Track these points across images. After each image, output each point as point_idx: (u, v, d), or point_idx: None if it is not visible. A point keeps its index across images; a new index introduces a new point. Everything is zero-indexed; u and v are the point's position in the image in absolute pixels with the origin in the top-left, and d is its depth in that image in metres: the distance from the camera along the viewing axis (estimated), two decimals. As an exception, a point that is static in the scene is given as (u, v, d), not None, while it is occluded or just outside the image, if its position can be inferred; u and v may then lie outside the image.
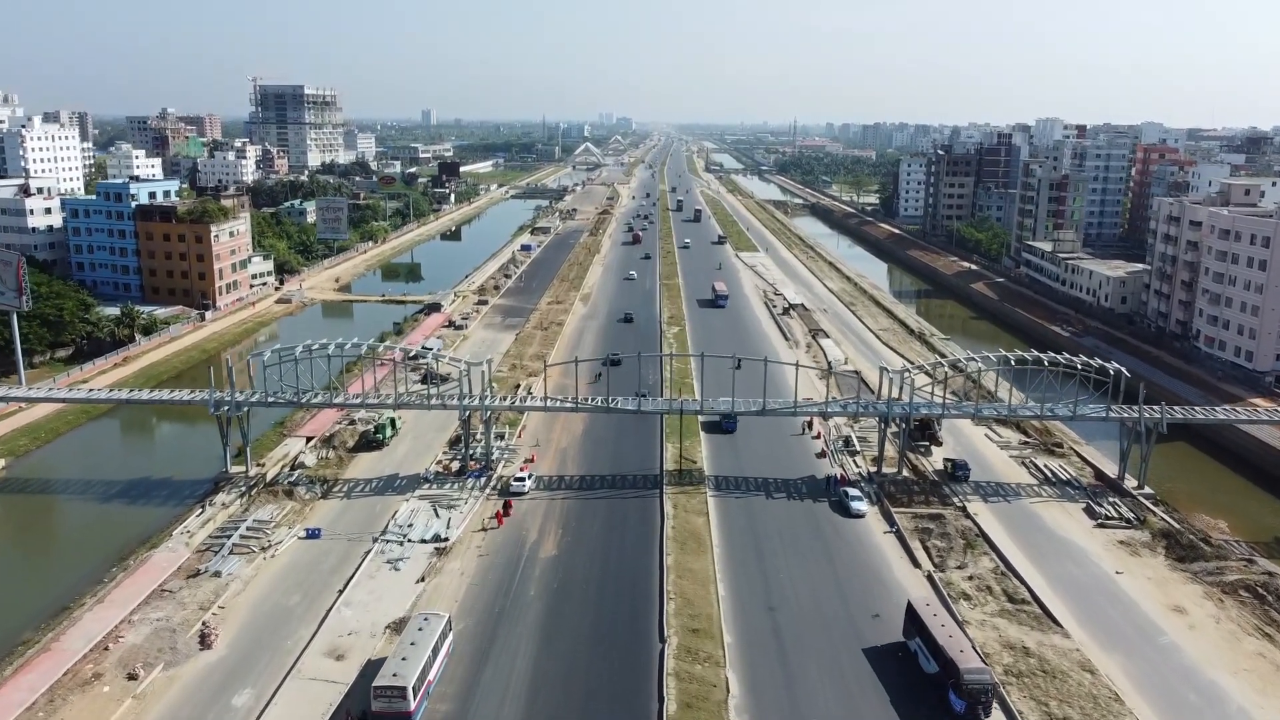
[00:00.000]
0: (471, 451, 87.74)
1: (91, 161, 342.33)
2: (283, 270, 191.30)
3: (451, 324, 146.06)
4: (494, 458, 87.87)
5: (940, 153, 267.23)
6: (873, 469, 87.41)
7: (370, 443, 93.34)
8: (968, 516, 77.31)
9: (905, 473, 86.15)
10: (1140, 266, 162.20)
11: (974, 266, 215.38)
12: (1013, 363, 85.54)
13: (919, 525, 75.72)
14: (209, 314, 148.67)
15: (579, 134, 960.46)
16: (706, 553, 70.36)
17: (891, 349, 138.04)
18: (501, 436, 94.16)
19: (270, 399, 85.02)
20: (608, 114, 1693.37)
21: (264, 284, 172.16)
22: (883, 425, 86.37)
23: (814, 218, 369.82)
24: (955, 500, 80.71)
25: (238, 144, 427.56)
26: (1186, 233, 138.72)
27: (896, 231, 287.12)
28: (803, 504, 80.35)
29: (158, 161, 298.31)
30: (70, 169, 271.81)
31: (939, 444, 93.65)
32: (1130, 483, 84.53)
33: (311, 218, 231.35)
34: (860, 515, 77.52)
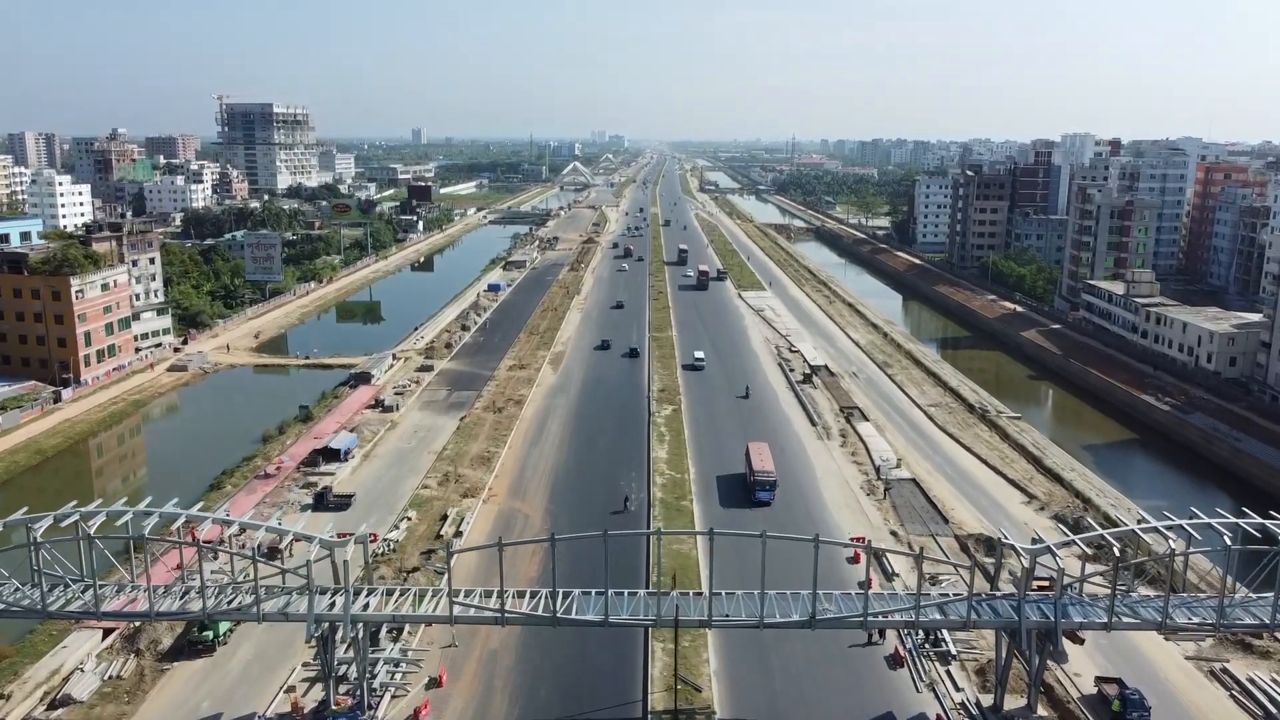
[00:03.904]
0: (338, 673, 54.57)
1: (22, 189, 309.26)
2: (196, 323, 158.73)
3: (379, 403, 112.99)
4: (376, 684, 54.81)
5: (969, 173, 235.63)
6: (983, 695, 54.58)
7: (195, 643, 60.28)
8: (1178, 829, 44.37)
9: (1040, 711, 53.20)
10: (1253, 318, 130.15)
11: (1019, 309, 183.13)
12: (1230, 543, 51.39)
13: None
14: (68, 392, 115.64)
15: (570, 152, 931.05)
16: None
17: (951, 436, 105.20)
18: (398, 633, 60.99)
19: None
20: (600, 132, 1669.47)
21: (158, 345, 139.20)
22: (1004, 635, 53.24)
23: (820, 243, 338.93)
24: (1139, 777, 47.77)
25: (194, 166, 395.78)
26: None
27: (917, 262, 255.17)
28: (885, 793, 47.36)
29: (86, 188, 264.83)
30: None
31: (1079, 641, 60.64)
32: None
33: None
34: (990, 826, 44.55)
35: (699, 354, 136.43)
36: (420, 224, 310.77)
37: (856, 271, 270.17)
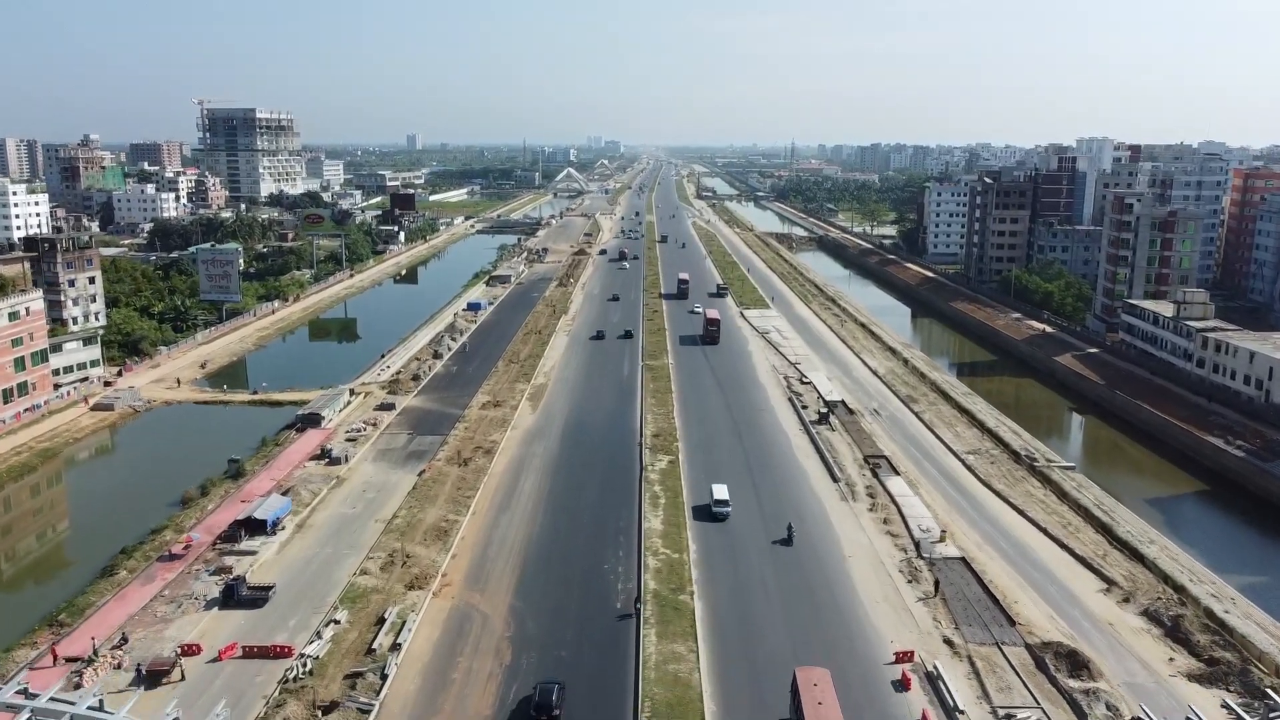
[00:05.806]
0: None
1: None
2: (137, 351, 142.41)
3: (325, 453, 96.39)
4: None
5: (987, 180, 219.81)
6: None
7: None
8: None
9: None
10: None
11: (1049, 329, 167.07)
12: None
13: None
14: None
15: (565, 158, 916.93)
16: None
17: (999, 495, 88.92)
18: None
19: None
20: (596, 137, 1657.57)
21: (84, 380, 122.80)
22: None
23: (823, 253, 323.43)
24: None
25: (169, 173, 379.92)
26: None
27: (929, 274, 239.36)
28: None
29: (43, 198, 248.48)
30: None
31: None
32: None
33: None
34: None
35: (720, 491, 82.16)
36: (402, 234, 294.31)
37: (863, 284, 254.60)
